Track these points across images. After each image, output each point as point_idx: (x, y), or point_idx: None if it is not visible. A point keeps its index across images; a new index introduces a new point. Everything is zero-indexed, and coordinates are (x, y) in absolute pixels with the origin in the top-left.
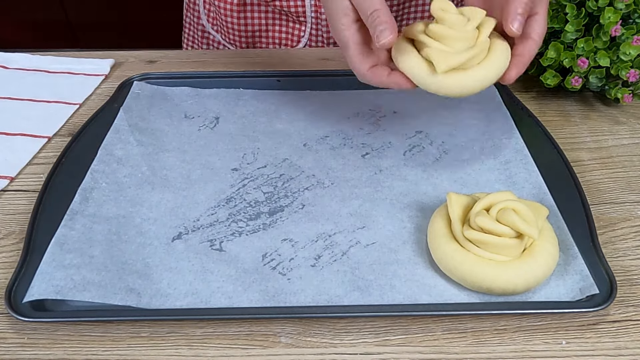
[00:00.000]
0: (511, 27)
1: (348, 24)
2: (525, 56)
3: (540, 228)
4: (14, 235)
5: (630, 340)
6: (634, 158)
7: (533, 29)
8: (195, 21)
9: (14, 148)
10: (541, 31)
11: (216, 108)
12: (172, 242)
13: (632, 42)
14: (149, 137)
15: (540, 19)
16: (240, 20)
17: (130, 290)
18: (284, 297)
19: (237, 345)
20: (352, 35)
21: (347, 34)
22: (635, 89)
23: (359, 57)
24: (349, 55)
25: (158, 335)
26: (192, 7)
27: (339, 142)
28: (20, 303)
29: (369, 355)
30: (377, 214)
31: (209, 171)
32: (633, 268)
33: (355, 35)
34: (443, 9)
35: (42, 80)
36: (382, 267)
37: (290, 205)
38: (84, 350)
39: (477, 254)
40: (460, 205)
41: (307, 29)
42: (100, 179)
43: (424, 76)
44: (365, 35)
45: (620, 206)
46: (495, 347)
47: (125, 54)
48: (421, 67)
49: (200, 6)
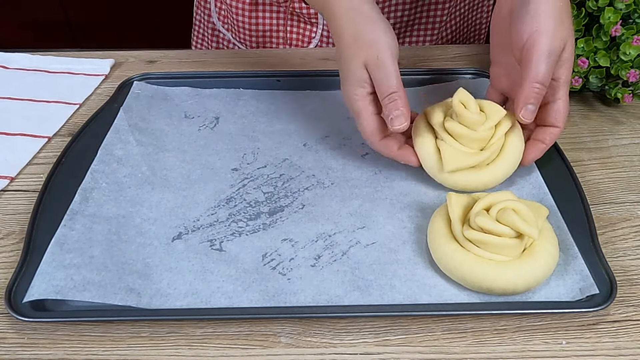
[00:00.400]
0: (520, 117)
1: (362, 95)
2: (546, 143)
3: (540, 228)
4: (14, 235)
5: (630, 340)
6: (634, 158)
7: (554, 117)
8: (206, 19)
9: (14, 148)
10: (563, 118)
11: (216, 108)
12: (172, 242)
13: (632, 42)
14: (149, 137)
15: (561, 105)
16: (252, 20)
17: (130, 290)
18: (284, 297)
19: (237, 345)
20: (366, 106)
21: (361, 104)
22: (635, 89)
23: (371, 128)
24: (362, 124)
25: (158, 335)
26: (203, 5)
27: (339, 142)
28: (20, 303)
29: (369, 355)
30: (377, 214)
31: (209, 171)
32: (633, 268)
33: (368, 107)
34: (464, 102)
35: (42, 80)
36: (382, 267)
37: (290, 205)
38: (84, 350)
39: (477, 254)
40: (460, 205)
41: (318, 30)
42: (100, 179)
43: (433, 166)
44: (379, 106)
45: (620, 206)
46: (495, 347)
47: (125, 54)
48: (432, 158)
49: (212, 4)
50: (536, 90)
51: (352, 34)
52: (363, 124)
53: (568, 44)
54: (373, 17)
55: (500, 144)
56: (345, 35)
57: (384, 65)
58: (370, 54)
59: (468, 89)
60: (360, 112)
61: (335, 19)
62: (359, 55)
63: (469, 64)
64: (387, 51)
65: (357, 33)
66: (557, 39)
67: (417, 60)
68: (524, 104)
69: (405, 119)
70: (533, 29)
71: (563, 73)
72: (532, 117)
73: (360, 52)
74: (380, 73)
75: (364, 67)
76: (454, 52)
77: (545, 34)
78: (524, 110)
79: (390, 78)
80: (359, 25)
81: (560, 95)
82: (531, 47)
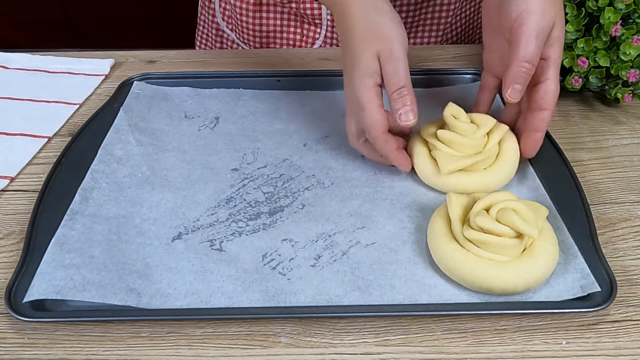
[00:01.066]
0: (507, 97)
1: (371, 85)
2: (540, 130)
3: (540, 228)
4: (14, 235)
5: (630, 340)
6: (634, 158)
7: (543, 99)
8: (210, 19)
9: (14, 148)
10: (552, 100)
11: (216, 108)
12: (172, 242)
13: (632, 42)
14: (149, 137)
15: (551, 85)
16: (256, 20)
17: (130, 290)
18: (284, 297)
19: (237, 345)
20: (372, 97)
21: (368, 95)
22: (635, 89)
23: (375, 119)
24: (366, 115)
25: (158, 335)
26: (208, 5)
27: (339, 142)
28: (20, 303)
29: (369, 355)
30: (377, 214)
31: (209, 171)
32: (633, 268)
33: (374, 99)
34: (455, 115)
35: (42, 80)
36: (382, 267)
37: (290, 205)
38: (84, 350)
39: (477, 254)
40: (460, 205)
41: (322, 31)
42: (100, 179)
43: (430, 174)
44: (382, 100)
45: (620, 206)
46: (495, 347)
47: (125, 54)
48: (429, 167)
49: (216, 4)
50: (524, 70)
51: (366, 27)
52: (366, 114)
53: (557, 23)
54: (387, 11)
55: (496, 151)
56: (358, 28)
57: (396, 59)
58: (385, 47)
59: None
60: (366, 103)
61: (349, 14)
62: (374, 46)
63: (469, 64)
64: (401, 45)
65: (373, 25)
66: (546, 18)
67: (417, 60)
68: (511, 84)
69: (414, 115)
70: (521, 8)
71: (553, 52)
72: (519, 97)
73: (374, 44)
74: (392, 66)
75: (377, 59)
76: (454, 52)
77: (534, 12)
78: (511, 89)
79: (401, 72)
80: (374, 19)
81: (549, 76)
82: (519, 27)
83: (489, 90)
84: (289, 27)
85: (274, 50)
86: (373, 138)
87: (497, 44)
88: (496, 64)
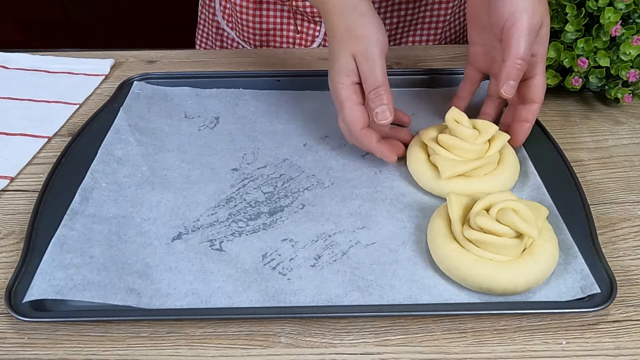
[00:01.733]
0: (503, 93)
1: (347, 84)
2: (530, 121)
3: (540, 228)
4: (14, 235)
5: (630, 340)
6: (634, 158)
7: (533, 92)
8: (211, 18)
9: (14, 148)
10: (542, 92)
11: (216, 108)
12: (172, 242)
13: (632, 42)
14: (149, 137)
15: (540, 80)
16: (256, 18)
17: (130, 290)
18: (284, 297)
19: (237, 345)
20: (350, 95)
21: (345, 93)
22: (635, 89)
23: (353, 116)
24: (344, 113)
25: (158, 335)
26: (208, 4)
27: (339, 142)
28: (20, 303)
29: (369, 355)
30: (377, 214)
31: (209, 171)
32: (633, 268)
33: (352, 96)
34: (457, 120)
35: (42, 80)
36: (382, 267)
37: (290, 205)
38: (84, 350)
39: (477, 254)
40: (460, 205)
41: (321, 29)
42: (100, 179)
43: (429, 179)
44: (362, 97)
45: (620, 206)
46: (495, 347)
47: (125, 54)
48: (427, 173)
49: (217, 3)
50: (518, 67)
51: (345, 28)
52: (346, 112)
53: (545, 21)
54: (366, 14)
55: (497, 158)
56: (338, 29)
57: (372, 59)
58: (360, 47)
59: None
60: (344, 101)
61: (331, 15)
62: (349, 47)
63: None
64: (376, 46)
65: (350, 27)
66: (536, 17)
67: (417, 60)
68: (506, 80)
69: (390, 113)
70: (513, 7)
71: (540, 49)
72: (513, 92)
73: (350, 45)
74: (368, 66)
75: (353, 58)
76: (453, 52)
77: (525, 11)
78: (506, 86)
79: (377, 72)
80: (352, 20)
81: (538, 71)
82: (512, 26)
83: (470, 83)
84: (289, 25)
85: (274, 50)
86: (353, 134)
87: (481, 38)
88: (480, 59)
